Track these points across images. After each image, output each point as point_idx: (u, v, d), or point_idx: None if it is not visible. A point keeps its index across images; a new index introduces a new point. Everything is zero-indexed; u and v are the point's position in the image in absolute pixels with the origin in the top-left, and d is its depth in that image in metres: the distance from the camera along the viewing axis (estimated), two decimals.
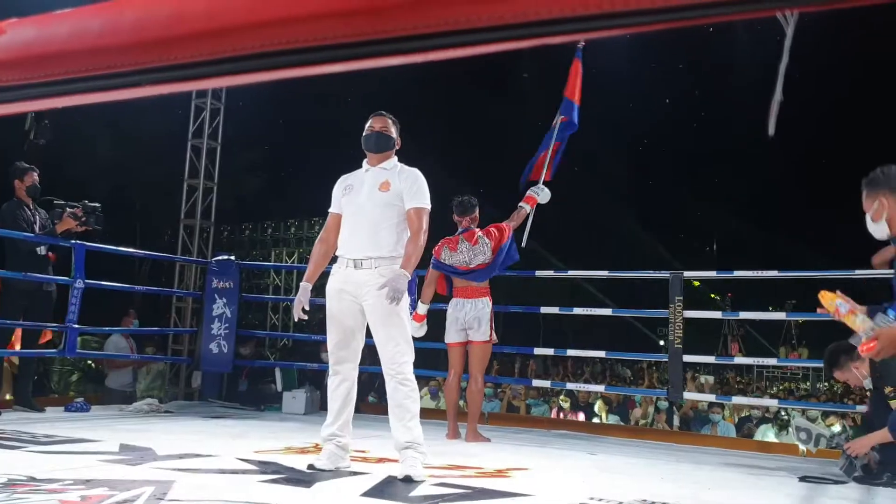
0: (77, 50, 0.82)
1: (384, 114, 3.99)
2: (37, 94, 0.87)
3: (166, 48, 0.78)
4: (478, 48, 0.76)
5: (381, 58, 0.76)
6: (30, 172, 6.05)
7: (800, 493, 3.99)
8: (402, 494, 3.19)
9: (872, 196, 3.11)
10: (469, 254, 5.49)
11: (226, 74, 0.80)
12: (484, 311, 5.52)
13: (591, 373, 18.03)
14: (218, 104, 8.72)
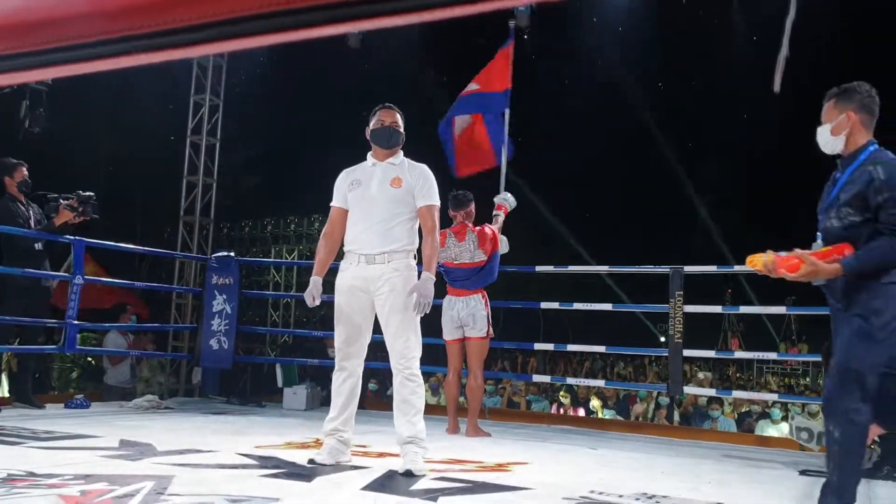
0: (64, 17, 0.80)
1: (392, 107, 3.96)
2: (22, 65, 0.84)
3: (158, 12, 0.76)
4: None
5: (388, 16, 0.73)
6: (19, 168, 6.02)
7: (800, 486, 3.99)
8: (402, 488, 3.18)
9: (840, 108, 2.98)
10: (455, 249, 5.50)
11: (222, 39, 0.78)
12: (477, 308, 5.53)
13: (591, 370, 18.05)
14: (217, 100, 8.72)
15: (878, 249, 2.80)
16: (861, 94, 2.99)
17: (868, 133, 2.98)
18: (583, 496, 3.24)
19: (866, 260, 2.82)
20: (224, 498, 2.74)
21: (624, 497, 3.27)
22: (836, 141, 3.00)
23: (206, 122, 8.63)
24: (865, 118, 2.98)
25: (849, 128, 2.97)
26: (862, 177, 2.87)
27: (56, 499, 2.59)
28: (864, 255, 2.83)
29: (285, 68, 12.66)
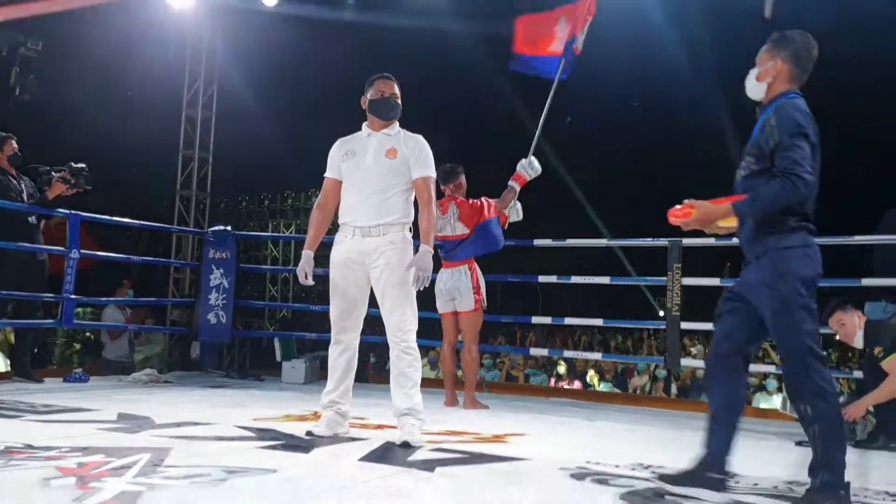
0: None
1: (391, 77, 3.89)
2: None
3: None
4: None
5: None
6: (8, 141, 5.97)
7: (796, 456, 4.00)
8: (400, 460, 3.19)
9: (772, 54, 2.86)
10: (440, 221, 5.46)
11: None
12: (462, 280, 5.49)
13: (590, 343, 18.08)
14: (212, 73, 8.66)
15: (768, 191, 2.68)
16: (796, 45, 2.86)
17: (791, 85, 2.85)
18: (579, 467, 3.25)
19: (757, 202, 2.73)
20: (221, 469, 2.75)
21: (620, 467, 3.28)
22: (759, 87, 2.88)
23: (202, 95, 8.58)
24: (794, 70, 2.85)
25: (773, 76, 2.86)
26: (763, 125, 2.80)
27: (53, 470, 2.59)
28: (754, 196, 2.74)
29: (282, 40, 12.56)
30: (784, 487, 3.03)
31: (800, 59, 2.86)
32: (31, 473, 2.53)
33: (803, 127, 2.70)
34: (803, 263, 2.74)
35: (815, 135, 2.73)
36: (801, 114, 2.73)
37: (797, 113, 2.72)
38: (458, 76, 17.74)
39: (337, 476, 2.76)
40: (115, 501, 2.23)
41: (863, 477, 3.44)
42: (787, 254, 2.74)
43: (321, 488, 2.54)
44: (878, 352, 4.36)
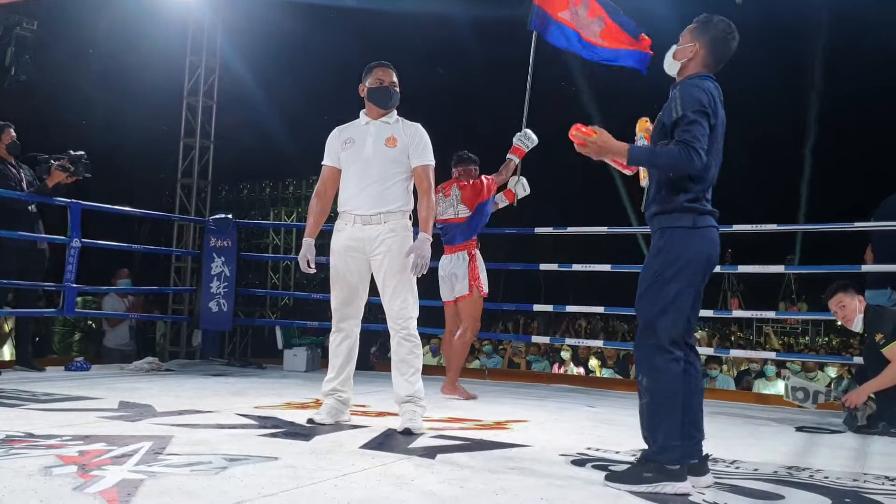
0: None
1: (389, 65, 3.87)
2: None
3: None
4: None
5: None
6: (7, 129, 5.96)
7: (796, 442, 4.02)
8: (401, 447, 3.20)
9: (694, 36, 2.85)
10: (442, 205, 5.43)
11: None
12: (458, 264, 5.41)
13: (591, 329, 18.12)
14: (213, 61, 8.63)
15: (664, 152, 2.67)
16: (716, 31, 2.84)
17: (704, 70, 2.83)
18: (580, 453, 3.26)
19: (653, 155, 2.75)
20: (223, 457, 2.76)
21: (620, 453, 3.29)
22: (674, 65, 2.88)
23: (203, 84, 8.55)
24: (709, 56, 2.83)
25: (689, 57, 2.84)
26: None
27: (54, 459, 2.60)
28: (652, 150, 2.76)
29: (283, 28, 12.52)
30: (784, 472, 3.04)
31: (717, 47, 2.84)
32: (33, 462, 2.54)
33: (706, 107, 2.68)
34: (684, 244, 2.72)
35: (718, 119, 2.74)
36: (705, 94, 2.71)
37: (702, 93, 2.71)
38: (461, 61, 17.67)
39: (338, 463, 2.77)
40: (116, 489, 2.23)
41: (862, 462, 3.45)
42: (670, 233, 2.74)
43: (322, 476, 2.55)
44: (880, 338, 4.36)
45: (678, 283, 2.70)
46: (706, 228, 2.75)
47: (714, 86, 2.79)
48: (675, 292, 2.69)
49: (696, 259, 2.72)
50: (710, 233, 2.76)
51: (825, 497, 2.62)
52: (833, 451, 3.73)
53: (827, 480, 2.91)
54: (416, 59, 13.58)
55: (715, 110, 2.72)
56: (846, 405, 4.39)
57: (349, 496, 2.30)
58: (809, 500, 2.59)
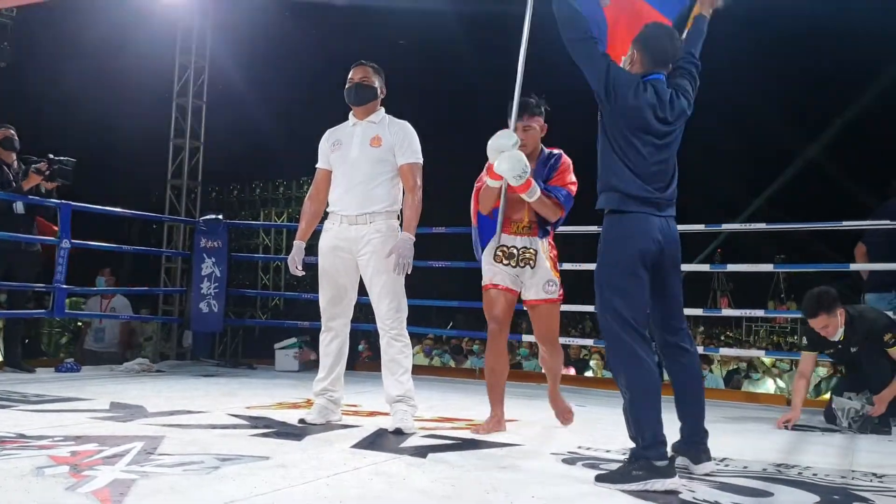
0: None
1: (365, 63, 3.91)
2: None
3: None
4: None
5: None
6: (2, 129, 5.96)
7: (786, 440, 4.05)
8: (392, 446, 3.21)
9: (635, 48, 3.02)
10: None
11: None
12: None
13: (583, 329, 18.19)
14: (202, 62, 8.61)
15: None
16: (656, 44, 3.00)
17: (641, 68, 3.00)
18: (571, 452, 3.28)
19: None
20: (214, 457, 2.76)
21: (611, 452, 3.31)
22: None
23: (192, 84, 8.54)
24: (646, 57, 2.99)
25: (629, 65, 3.03)
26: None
27: (46, 459, 2.60)
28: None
29: (273, 28, 12.50)
30: (773, 470, 3.06)
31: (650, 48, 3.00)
32: (24, 462, 2.54)
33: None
34: (611, 243, 2.88)
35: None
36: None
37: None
38: (455, 59, 17.71)
39: (330, 463, 2.78)
40: (108, 489, 2.24)
41: (850, 459, 3.48)
42: (604, 232, 2.92)
43: (314, 475, 2.55)
44: (889, 338, 4.37)
45: (616, 280, 2.86)
46: (626, 224, 2.88)
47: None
48: (618, 289, 2.86)
49: (622, 253, 2.86)
50: (632, 227, 2.87)
51: (814, 494, 2.64)
52: (822, 449, 3.77)
53: (815, 478, 2.93)
54: (411, 56, 13.58)
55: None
56: (871, 416, 4.36)
57: (341, 495, 2.31)
58: (798, 498, 2.61)
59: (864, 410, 4.36)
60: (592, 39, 2.98)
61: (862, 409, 4.37)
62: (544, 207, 3.68)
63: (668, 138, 2.93)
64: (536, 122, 3.79)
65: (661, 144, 2.91)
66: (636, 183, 2.86)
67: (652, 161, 2.88)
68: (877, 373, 4.41)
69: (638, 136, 2.87)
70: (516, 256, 3.77)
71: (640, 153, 2.88)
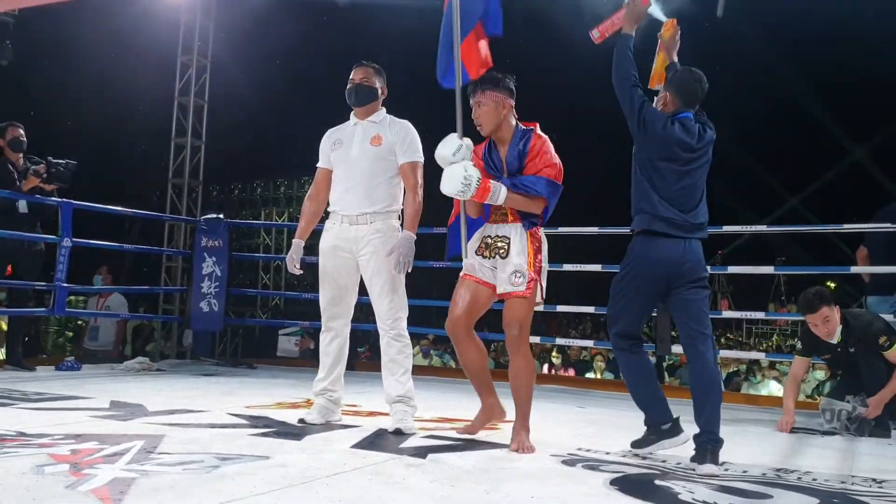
0: None
1: (365, 63, 3.91)
2: None
3: None
4: None
5: None
6: (10, 128, 5.99)
7: (786, 442, 4.05)
8: (392, 447, 3.21)
9: (669, 91, 3.44)
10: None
11: None
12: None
13: (583, 331, 18.14)
14: (204, 61, 8.62)
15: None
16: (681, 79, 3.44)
17: (673, 107, 3.41)
18: (570, 453, 3.27)
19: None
20: (214, 456, 2.76)
21: (611, 454, 3.31)
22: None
23: (194, 84, 8.54)
24: (679, 99, 3.40)
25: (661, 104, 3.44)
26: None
27: (46, 457, 2.60)
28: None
29: (274, 27, 12.52)
30: (772, 474, 3.06)
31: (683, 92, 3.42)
32: (24, 460, 2.54)
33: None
34: (630, 258, 3.39)
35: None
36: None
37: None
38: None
39: (329, 463, 2.78)
40: (108, 488, 2.24)
41: (850, 463, 3.48)
42: (630, 247, 3.41)
43: (314, 475, 2.55)
44: (884, 341, 4.38)
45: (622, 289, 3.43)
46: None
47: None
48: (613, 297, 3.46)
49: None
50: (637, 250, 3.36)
51: (813, 498, 2.64)
52: (821, 453, 3.76)
53: (815, 482, 2.93)
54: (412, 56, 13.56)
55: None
56: (867, 419, 4.36)
57: (340, 495, 2.31)
58: (798, 501, 2.61)
59: (857, 413, 4.36)
60: (635, 84, 3.37)
61: (854, 412, 4.37)
62: (520, 205, 3.37)
63: (692, 164, 3.30)
64: (490, 98, 3.42)
65: (685, 171, 3.29)
66: (662, 205, 3.25)
67: (676, 186, 3.27)
68: (873, 375, 4.41)
69: (664, 164, 3.27)
70: (490, 246, 3.46)
71: (665, 179, 3.27)
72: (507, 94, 3.45)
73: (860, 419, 4.34)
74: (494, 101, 3.42)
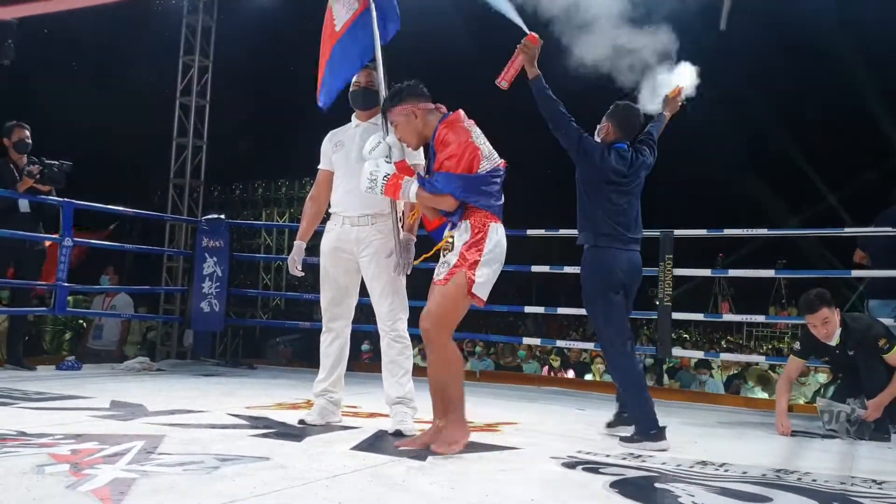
0: None
1: (370, 66, 3.92)
2: None
3: None
4: None
5: None
6: (16, 129, 6.01)
7: (785, 445, 4.05)
8: (391, 448, 3.21)
9: (610, 122, 3.95)
10: None
11: None
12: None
13: (582, 333, 18.17)
14: (206, 61, 8.62)
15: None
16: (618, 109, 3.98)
17: (613, 137, 3.94)
18: (570, 455, 3.27)
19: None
20: (214, 457, 2.77)
21: (611, 456, 3.31)
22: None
23: (196, 84, 8.55)
24: (619, 131, 3.94)
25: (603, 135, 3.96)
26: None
27: (47, 457, 2.61)
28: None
29: (276, 28, 12.51)
30: (772, 475, 3.06)
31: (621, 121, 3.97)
32: (25, 460, 2.54)
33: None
34: (590, 271, 3.94)
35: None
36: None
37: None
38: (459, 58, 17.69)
39: (329, 464, 2.78)
40: (108, 488, 2.24)
41: (849, 465, 3.48)
42: (584, 262, 3.97)
43: (313, 476, 2.56)
44: (884, 343, 4.37)
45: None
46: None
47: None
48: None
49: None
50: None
51: (813, 500, 2.64)
52: (821, 455, 3.76)
53: (815, 483, 2.93)
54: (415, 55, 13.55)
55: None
56: (867, 420, 4.36)
57: (340, 496, 2.32)
58: (798, 503, 2.61)
59: (856, 415, 4.36)
60: (569, 120, 3.80)
61: (853, 414, 4.37)
62: (431, 202, 3.24)
63: (626, 187, 3.86)
64: (399, 114, 3.34)
65: (621, 192, 3.84)
66: (605, 222, 3.80)
67: (615, 206, 3.82)
68: (873, 377, 4.41)
69: (604, 187, 3.82)
70: (445, 245, 3.31)
71: (607, 199, 3.81)
72: (412, 100, 3.33)
73: (860, 421, 4.34)
74: (404, 115, 3.33)
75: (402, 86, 3.37)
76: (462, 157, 3.17)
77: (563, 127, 3.79)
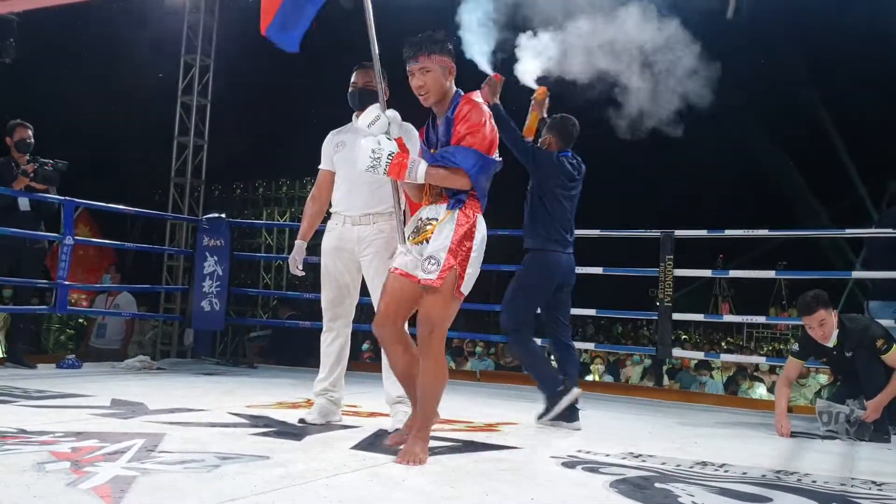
0: None
1: (367, 65, 3.89)
2: None
3: None
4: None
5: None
6: (19, 128, 6.01)
7: (785, 446, 4.05)
8: (392, 448, 3.21)
9: (550, 134, 4.42)
10: None
11: None
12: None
13: (584, 333, 18.18)
14: (207, 60, 8.63)
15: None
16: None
17: (556, 147, 4.42)
18: (570, 455, 3.27)
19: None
20: (214, 455, 2.77)
21: (611, 456, 3.31)
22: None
23: (197, 83, 8.55)
24: (560, 141, 4.45)
25: (546, 142, 4.47)
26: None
27: (47, 455, 2.61)
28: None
29: None
30: (772, 476, 3.06)
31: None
32: (25, 458, 2.55)
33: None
34: (533, 272, 4.44)
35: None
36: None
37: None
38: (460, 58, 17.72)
39: (329, 463, 2.78)
40: (109, 486, 2.24)
41: (850, 466, 3.48)
42: (529, 262, 4.46)
43: (313, 475, 2.56)
44: (882, 344, 4.37)
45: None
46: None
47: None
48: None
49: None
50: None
51: (813, 501, 2.64)
52: (821, 456, 3.77)
53: (815, 484, 2.93)
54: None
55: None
56: (866, 422, 4.36)
57: (340, 496, 2.32)
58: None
59: (855, 416, 4.36)
60: (521, 137, 4.31)
61: (852, 414, 4.37)
62: (442, 181, 2.99)
63: (573, 192, 4.38)
64: (437, 63, 3.01)
65: (569, 196, 4.35)
66: (555, 229, 4.27)
67: (563, 211, 4.30)
68: (871, 379, 4.41)
69: (558, 192, 4.29)
70: (419, 230, 3.08)
71: (559, 204, 4.29)
72: (452, 57, 3.06)
73: (859, 422, 4.34)
74: (441, 67, 3.01)
75: (444, 36, 3.07)
76: (486, 135, 2.97)
77: (520, 143, 4.27)
